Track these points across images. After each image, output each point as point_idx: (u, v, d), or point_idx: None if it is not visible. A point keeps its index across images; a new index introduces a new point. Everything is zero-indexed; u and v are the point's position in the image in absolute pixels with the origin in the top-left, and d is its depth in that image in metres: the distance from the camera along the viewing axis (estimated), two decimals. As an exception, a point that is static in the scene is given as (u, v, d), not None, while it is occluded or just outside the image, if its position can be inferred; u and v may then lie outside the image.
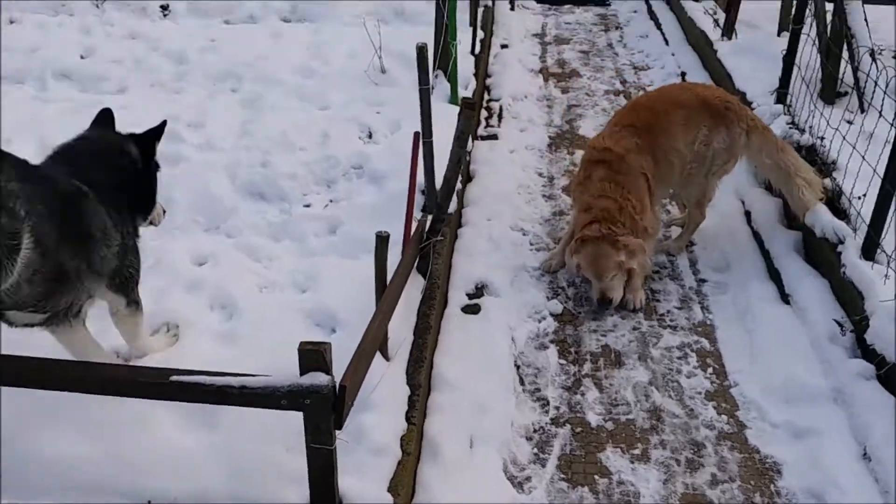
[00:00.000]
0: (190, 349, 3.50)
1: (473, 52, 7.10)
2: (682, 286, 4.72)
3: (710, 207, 4.94)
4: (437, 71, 5.95)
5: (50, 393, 2.78)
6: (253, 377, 2.43)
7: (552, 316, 4.46)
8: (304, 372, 2.38)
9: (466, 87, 6.38)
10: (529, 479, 3.43)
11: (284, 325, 3.72)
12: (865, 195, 4.20)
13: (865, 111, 5.21)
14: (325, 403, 2.37)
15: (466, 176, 5.70)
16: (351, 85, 6.33)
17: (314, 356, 2.36)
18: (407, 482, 3.10)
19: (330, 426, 2.43)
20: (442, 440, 3.41)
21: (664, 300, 4.61)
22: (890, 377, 3.59)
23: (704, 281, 4.75)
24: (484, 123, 6.75)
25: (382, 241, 3.19)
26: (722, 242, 5.02)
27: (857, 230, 4.23)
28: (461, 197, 5.34)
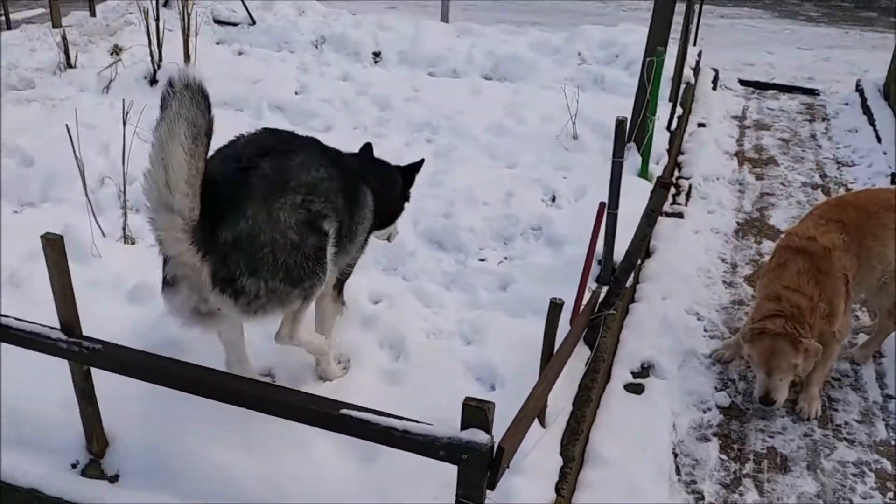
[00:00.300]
0: (357, 382, 3.64)
1: (669, 127, 7.03)
2: (864, 398, 4.40)
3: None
4: (630, 143, 5.94)
5: (218, 405, 2.94)
6: (415, 423, 2.50)
7: (718, 408, 4.28)
8: (464, 427, 2.42)
9: (658, 161, 6.32)
10: (674, 576, 3.28)
11: (447, 373, 3.80)
12: None
13: None
14: (481, 461, 2.39)
15: (646, 251, 5.62)
16: (541, 147, 6.42)
17: (477, 413, 2.39)
18: (548, 554, 3.06)
19: (483, 484, 2.45)
20: (589, 517, 3.34)
21: (843, 410, 4.31)
22: None
23: (892, 397, 4.40)
24: (671, 200, 6.64)
25: (556, 307, 3.20)
26: (915, 358, 4.65)
27: None
28: (638, 272, 5.27)
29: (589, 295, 4.18)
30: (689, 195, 6.77)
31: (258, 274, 2.86)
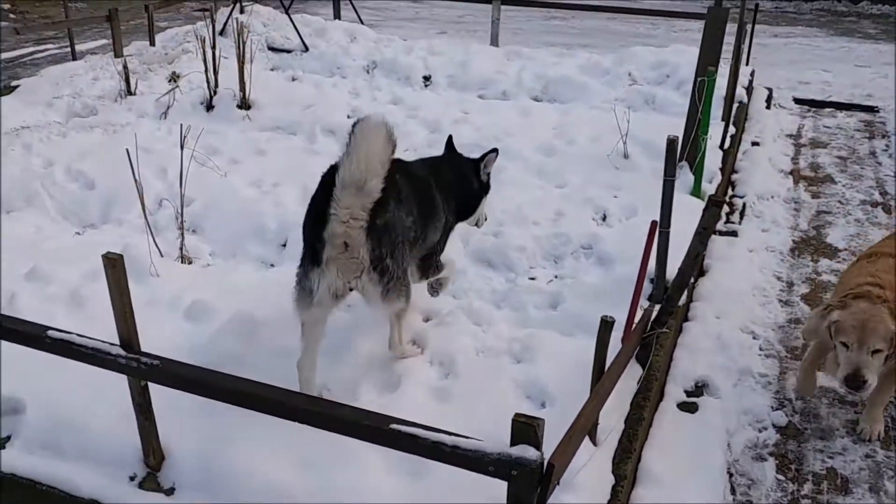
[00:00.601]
0: (406, 399, 3.66)
1: (722, 146, 6.96)
2: (930, 422, 4.26)
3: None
4: (682, 162, 5.89)
5: (271, 419, 2.98)
6: (465, 439, 2.50)
7: (775, 427, 4.19)
8: (514, 443, 2.41)
9: (711, 180, 6.25)
10: None
11: (496, 391, 3.79)
12: None
13: None
14: (531, 478, 2.38)
15: (699, 270, 5.55)
16: (591, 167, 6.41)
17: (526, 430, 2.39)
18: (599, 574, 3.02)
19: (532, 501, 2.43)
20: (641, 538, 3.29)
21: (907, 433, 4.19)
22: None
23: (958, 421, 4.26)
24: (725, 219, 6.55)
25: (607, 325, 3.18)
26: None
27: None
28: (691, 291, 5.20)
29: (641, 313, 4.15)
30: (743, 214, 6.68)
31: (395, 257, 3.44)
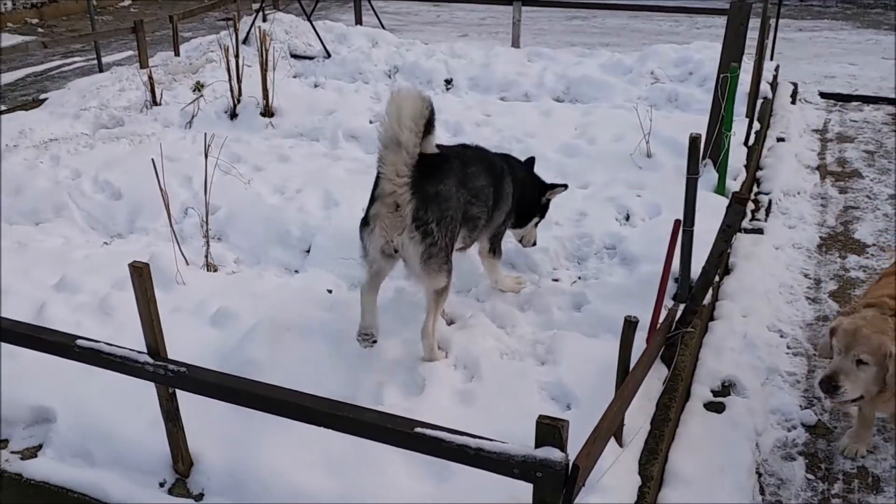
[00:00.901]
0: (430, 402, 3.67)
1: (747, 143, 6.89)
2: (963, 419, 4.19)
3: None
4: (706, 160, 5.85)
5: (297, 424, 2.97)
6: (489, 441, 2.50)
7: (804, 426, 4.14)
8: (539, 445, 2.41)
9: (735, 178, 6.19)
10: None
11: (521, 394, 3.79)
12: None
13: None
14: (556, 479, 2.38)
15: (724, 268, 5.50)
16: (614, 166, 6.38)
17: (551, 431, 2.39)
18: (627, 576, 3.01)
19: (558, 503, 2.43)
20: (668, 539, 3.28)
21: (940, 431, 4.12)
22: None
23: None
24: (750, 216, 6.49)
25: (631, 325, 3.17)
26: None
27: None
28: (716, 290, 5.16)
29: (665, 313, 4.12)
30: (768, 211, 6.61)
31: (441, 225, 3.72)
